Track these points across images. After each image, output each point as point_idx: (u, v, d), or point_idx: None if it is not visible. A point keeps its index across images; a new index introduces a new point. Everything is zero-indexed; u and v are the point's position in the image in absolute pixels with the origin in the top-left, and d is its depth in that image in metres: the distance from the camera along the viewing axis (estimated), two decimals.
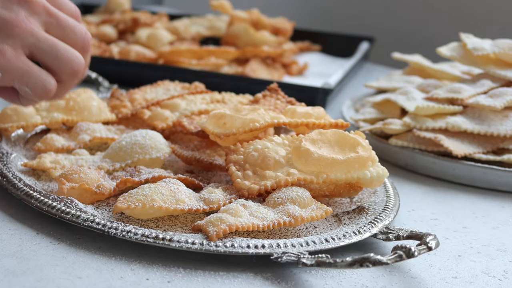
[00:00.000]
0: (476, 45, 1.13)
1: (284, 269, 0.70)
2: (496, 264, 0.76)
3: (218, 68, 1.46)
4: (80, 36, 0.77)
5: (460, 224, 0.86)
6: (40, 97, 0.74)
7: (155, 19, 1.70)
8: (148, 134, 0.87)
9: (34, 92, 0.73)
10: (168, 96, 1.04)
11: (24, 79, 0.72)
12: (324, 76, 1.50)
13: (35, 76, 0.72)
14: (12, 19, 0.71)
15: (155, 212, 0.74)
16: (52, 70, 0.74)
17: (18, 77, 0.72)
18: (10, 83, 0.72)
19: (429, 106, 1.04)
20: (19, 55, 0.71)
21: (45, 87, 0.73)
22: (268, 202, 0.76)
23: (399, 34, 2.04)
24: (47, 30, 0.74)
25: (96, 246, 0.71)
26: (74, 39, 0.76)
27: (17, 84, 0.72)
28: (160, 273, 0.67)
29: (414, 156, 1.02)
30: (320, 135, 0.80)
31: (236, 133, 0.83)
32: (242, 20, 1.61)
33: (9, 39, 0.71)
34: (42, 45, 0.73)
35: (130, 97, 1.05)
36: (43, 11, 0.74)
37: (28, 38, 0.72)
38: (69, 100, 0.96)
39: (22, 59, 0.72)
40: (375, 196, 0.85)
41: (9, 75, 0.71)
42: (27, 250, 0.69)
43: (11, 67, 0.71)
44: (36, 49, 0.72)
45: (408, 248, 0.67)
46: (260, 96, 0.99)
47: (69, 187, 0.76)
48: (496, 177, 0.97)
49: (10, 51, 0.71)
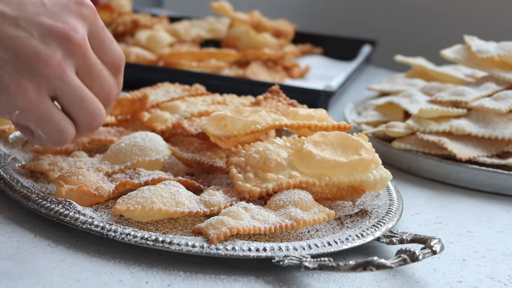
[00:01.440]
0: (481, 47, 1.12)
1: (286, 272, 0.69)
2: (501, 268, 0.75)
3: (218, 70, 1.45)
4: (107, 89, 0.73)
5: (464, 228, 0.85)
6: (53, 144, 0.71)
7: (155, 21, 1.69)
8: (147, 136, 0.86)
9: (48, 139, 0.70)
10: (168, 98, 1.03)
11: (41, 124, 0.68)
12: (326, 79, 1.49)
13: (53, 123, 0.68)
14: (47, 58, 0.66)
15: (155, 215, 0.73)
16: (72, 118, 0.70)
17: (36, 120, 0.68)
18: (26, 123, 0.69)
19: (432, 109, 1.03)
20: (42, 97, 0.67)
21: (61, 136, 0.70)
22: (270, 204, 0.75)
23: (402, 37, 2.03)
24: (78, 73, 0.70)
25: (95, 249, 0.69)
26: (99, 91, 0.72)
27: (33, 127, 0.69)
28: (160, 276, 0.66)
29: (417, 159, 1.01)
30: (322, 137, 0.79)
31: (237, 135, 0.82)
32: (243, 22, 1.60)
33: (35, 77, 0.66)
34: (69, 92, 0.69)
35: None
36: (81, 55, 0.69)
37: (56, 81, 0.67)
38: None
39: (45, 101, 0.67)
40: (378, 199, 0.84)
41: (27, 116, 0.67)
42: (25, 253, 0.68)
43: (31, 108, 0.67)
44: (62, 94, 0.68)
45: (412, 252, 0.66)
46: (261, 98, 0.98)
47: (68, 189, 0.75)
48: (501, 181, 0.96)
49: (33, 90, 0.66)
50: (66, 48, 0.68)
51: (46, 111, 0.68)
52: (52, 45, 0.67)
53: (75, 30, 0.69)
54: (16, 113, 0.67)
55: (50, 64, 0.66)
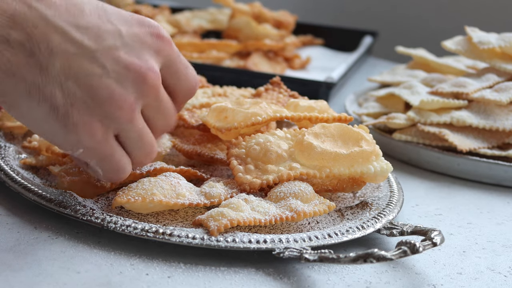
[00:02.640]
0: (482, 38, 1.12)
1: (286, 264, 0.69)
2: (501, 260, 0.75)
3: (219, 61, 1.45)
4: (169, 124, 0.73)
5: (464, 219, 0.85)
6: (108, 180, 0.70)
7: (156, 12, 1.68)
8: None
9: (105, 175, 0.69)
10: None
11: (102, 162, 0.67)
12: (327, 70, 1.49)
13: (114, 163, 0.68)
14: (120, 100, 0.65)
15: (155, 206, 0.73)
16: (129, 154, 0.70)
17: (98, 159, 0.67)
18: (86, 160, 0.68)
19: (433, 100, 1.03)
20: (108, 137, 0.66)
21: (119, 175, 0.69)
22: (270, 196, 0.75)
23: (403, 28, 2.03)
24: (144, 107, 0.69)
25: (95, 241, 0.70)
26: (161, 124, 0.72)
27: (93, 164, 0.68)
28: (160, 268, 0.66)
29: (418, 150, 1.01)
30: (323, 129, 0.79)
31: (237, 126, 0.82)
32: (244, 13, 1.60)
33: (106, 119, 0.65)
34: (132, 134, 0.68)
35: None
36: (153, 96, 0.68)
37: (126, 124, 0.66)
38: None
39: (111, 141, 0.66)
40: (379, 191, 0.84)
41: (90, 155, 0.66)
42: (25, 245, 0.68)
43: (96, 148, 0.65)
44: (125, 135, 0.67)
45: (412, 244, 0.66)
46: (262, 89, 0.98)
47: (70, 181, 0.75)
48: (502, 172, 0.96)
49: (101, 131, 0.65)
50: (140, 89, 0.66)
51: (110, 151, 0.67)
52: (127, 85, 0.65)
53: (151, 70, 0.67)
54: (79, 151, 0.66)
55: (122, 107, 0.65)
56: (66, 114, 0.63)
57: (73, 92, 0.63)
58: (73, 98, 0.63)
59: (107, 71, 0.64)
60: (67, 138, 0.64)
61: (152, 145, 0.71)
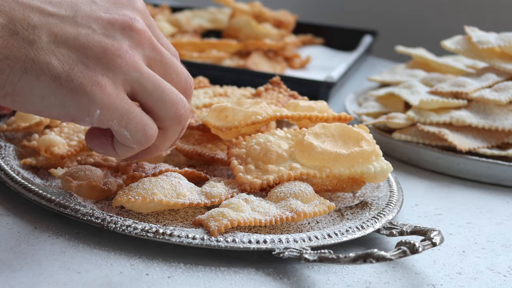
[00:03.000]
0: (481, 38, 1.12)
1: (286, 264, 0.69)
2: (501, 260, 0.75)
3: (219, 61, 1.45)
4: (183, 78, 0.69)
5: (464, 219, 0.85)
6: (140, 144, 0.66)
7: (156, 12, 1.69)
8: None
9: (133, 137, 0.65)
10: None
11: (124, 121, 0.64)
12: (327, 69, 1.49)
13: (136, 119, 0.64)
14: (114, 48, 0.63)
15: (156, 206, 0.73)
16: (153, 113, 0.67)
17: (118, 118, 0.64)
18: (108, 124, 0.64)
19: (433, 100, 1.03)
20: (120, 91, 0.63)
21: (146, 132, 0.66)
22: (271, 196, 0.75)
23: (403, 27, 2.03)
24: (150, 67, 0.66)
25: (95, 241, 0.70)
26: (176, 81, 0.68)
27: (116, 126, 0.64)
28: (160, 268, 0.66)
29: (417, 150, 1.01)
30: (323, 129, 0.79)
31: (238, 126, 0.82)
32: (244, 13, 1.60)
33: (110, 72, 0.63)
34: (146, 83, 0.65)
35: None
36: (148, 44, 0.66)
37: (131, 72, 0.64)
38: None
39: (123, 96, 0.64)
40: (379, 191, 0.84)
41: (109, 114, 0.63)
42: (25, 245, 0.68)
43: (112, 104, 0.63)
44: (139, 86, 0.64)
45: (412, 244, 0.66)
46: (262, 89, 0.98)
47: (77, 185, 0.75)
48: (501, 172, 0.96)
49: (110, 85, 0.62)
50: (131, 37, 0.65)
51: (127, 106, 0.64)
52: (117, 36, 0.64)
53: (135, 19, 0.66)
54: (97, 113, 0.63)
55: (120, 54, 0.63)
56: (69, 78, 0.61)
57: (67, 56, 0.62)
58: (69, 62, 0.62)
59: (93, 29, 0.64)
60: (80, 103, 0.62)
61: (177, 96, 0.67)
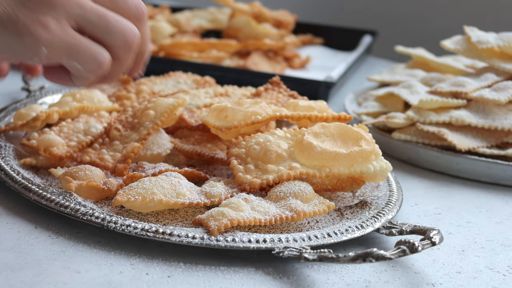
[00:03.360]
0: (481, 38, 1.12)
1: (285, 264, 0.69)
2: (500, 259, 0.75)
3: (219, 61, 1.45)
4: (133, 5, 0.70)
5: (463, 218, 0.85)
6: (93, 72, 0.68)
7: (156, 12, 1.69)
8: None
9: (86, 67, 0.67)
10: (177, 89, 1.04)
11: (73, 53, 0.66)
12: (327, 69, 1.49)
13: (84, 49, 0.66)
14: None
15: (155, 206, 0.73)
16: (103, 44, 0.68)
17: (66, 52, 0.65)
18: (58, 59, 0.66)
19: (432, 100, 1.03)
20: (64, 27, 0.65)
21: (97, 59, 0.66)
22: (270, 196, 0.75)
23: (402, 27, 2.03)
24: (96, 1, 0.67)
25: (95, 240, 0.70)
26: (126, 8, 0.69)
27: (66, 61, 0.66)
28: (160, 267, 0.66)
29: (417, 150, 1.01)
30: (323, 129, 0.79)
31: (237, 126, 0.83)
32: (243, 13, 1.60)
33: (52, 10, 0.64)
34: (90, 16, 0.66)
35: (137, 88, 1.04)
36: None
37: (74, 8, 0.65)
38: (75, 94, 0.95)
39: (69, 31, 0.65)
40: (378, 190, 0.84)
41: (56, 50, 0.65)
42: (25, 244, 0.68)
43: (57, 40, 0.64)
44: (83, 21, 0.66)
45: (411, 243, 0.66)
46: (262, 89, 0.98)
47: (77, 185, 0.75)
48: (500, 172, 0.96)
49: (53, 23, 0.64)
50: None
51: (73, 40, 0.65)
52: None
53: None
54: (43, 51, 0.65)
55: None
56: (12, 20, 0.63)
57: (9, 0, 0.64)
58: (11, 5, 0.64)
59: None
60: (25, 44, 0.64)
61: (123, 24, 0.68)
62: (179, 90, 1.03)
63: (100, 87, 0.95)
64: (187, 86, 1.07)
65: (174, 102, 0.86)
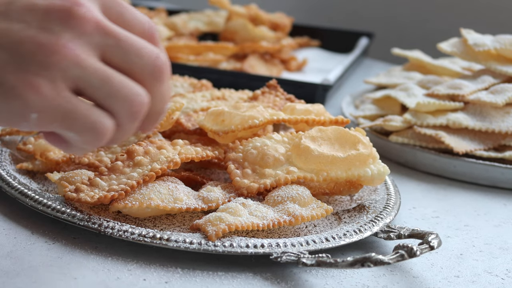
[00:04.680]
0: (477, 40, 1.12)
1: (283, 269, 0.69)
2: (498, 262, 0.75)
3: (216, 64, 1.45)
4: (149, 61, 0.58)
5: (461, 222, 0.85)
6: (91, 144, 0.58)
7: (152, 15, 1.68)
8: None
9: (83, 138, 0.57)
10: (173, 93, 1.03)
11: (67, 122, 0.56)
12: (323, 72, 1.49)
13: (82, 118, 0.56)
14: (50, 44, 0.55)
15: (153, 211, 0.73)
16: (106, 109, 0.57)
17: (59, 120, 0.55)
18: (49, 127, 0.56)
19: (429, 103, 1.03)
20: (59, 91, 0.55)
21: (96, 130, 0.56)
22: (268, 200, 0.75)
23: (399, 29, 2.03)
24: (105, 56, 0.57)
25: (92, 246, 0.69)
26: (140, 65, 0.58)
27: (59, 129, 0.57)
28: (158, 273, 0.66)
29: (414, 153, 1.01)
30: (320, 132, 0.79)
31: (234, 130, 0.82)
32: (240, 16, 1.60)
33: (45, 71, 0.54)
34: (90, 79, 0.56)
35: None
36: (96, 30, 0.56)
37: (71, 68, 0.55)
38: None
39: (64, 95, 0.55)
40: (376, 194, 0.84)
41: (48, 117, 0.55)
42: (22, 250, 0.68)
43: (50, 106, 0.54)
44: (83, 83, 0.56)
45: (410, 248, 0.66)
46: (259, 93, 0.98)
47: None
48: (498, 174, 0.96)
49: (46, 85, 0.54)
50: (72, 26, 0.56)
51: (68, 105, 0.55)
52: (54, 29, 0.55)
53: (76, 3, 0.56)
54: (33, 117, 0.55)
55: (56, 50, 0.55)
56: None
57: None
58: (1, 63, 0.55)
59: (27, 23, 0.56)
60: (13, 108, 0.55)
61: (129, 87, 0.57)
62: (176, 93, 1.03)
63: None
64: (184, 89, 1.06)
65: (172, 106, 0.86)
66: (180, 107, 0.87)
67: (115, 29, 0.58)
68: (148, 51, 0.59)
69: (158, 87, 0.60)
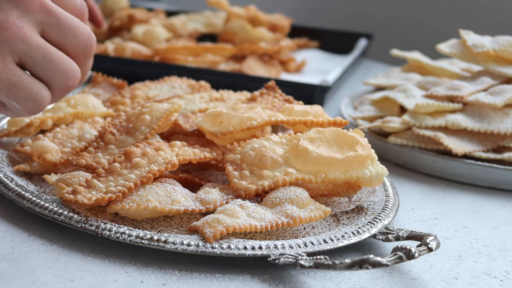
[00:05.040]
0: (476, 42, 1.12)
1: (281, 271, 0.68)
2: (497, 264, 0.75)
3: (214, 65, 1.45)
4: (82, 39, 0.67)
5: (460, 223, 0.85)
6: (30, 113, 0.66)
7: (151, 16, 1.68)
8: None
9: (23, 107, 0.65)
10: (172, 94, 1.03)
11: (12, 92, 0.63)
12: (322, 73, 1.49)
13: (25, 89, 0.63)
14: (1, 21, 0.62)
15: (150, 213, 0.72)
16: (44, 81, 0.66)
17: (5, 90, 0.63)
18: None
19: (428, 104, 1.03)
20: (7, 63, 0.62)
21: (36, 101, 0.65)
22: (266, 202, 0.74)
23: (398, 30, 2.03)
24: (44, 32, 0.65)
25: (90, 248, 0.69)
26: (75, 42, 0.67)
27: (4, 98, 0.64)
28: (155, 275, 0.66)
29: (413, 154, 1.01)
30: (318, 134, 0.79)
31: (233, 131, 0.82)
32: (239, 17, 1.60)
33: None
34: (34, 54, 0.64)
35: (132, 93, 1.04)
36: (39, 9, 0.64)
37: (18, 44, 0.62)
38: (69, 99, 0.94)
39: (11, 67, 0.63)
40: (374, 195, 0.84)
41: None
42: (19, 252, 0.67)
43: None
44: (26, 58, 0.64)
45: (408, 249, 0.66)
46: (257, 94, 0.98)
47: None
48: (497, 176, 0.96)
49: None
50: (19, 4, 0.63)
51: (15, 78, 0.63)
52: (4, 6, 0.63)
53: None
54: None
55: (6, 27, 0.62)
56: None
57: None
58: None
59: None
60: None
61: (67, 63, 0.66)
62: (174, 95, 1.03)
63: None
64: (182, 90, 1.06)
65: (170, 108, 0.86)
66: (178, 108, 0.87)
67: (56, 8, 0.65)
68: (82, 30, 0.67)
69: (87, 62, 0.69)
